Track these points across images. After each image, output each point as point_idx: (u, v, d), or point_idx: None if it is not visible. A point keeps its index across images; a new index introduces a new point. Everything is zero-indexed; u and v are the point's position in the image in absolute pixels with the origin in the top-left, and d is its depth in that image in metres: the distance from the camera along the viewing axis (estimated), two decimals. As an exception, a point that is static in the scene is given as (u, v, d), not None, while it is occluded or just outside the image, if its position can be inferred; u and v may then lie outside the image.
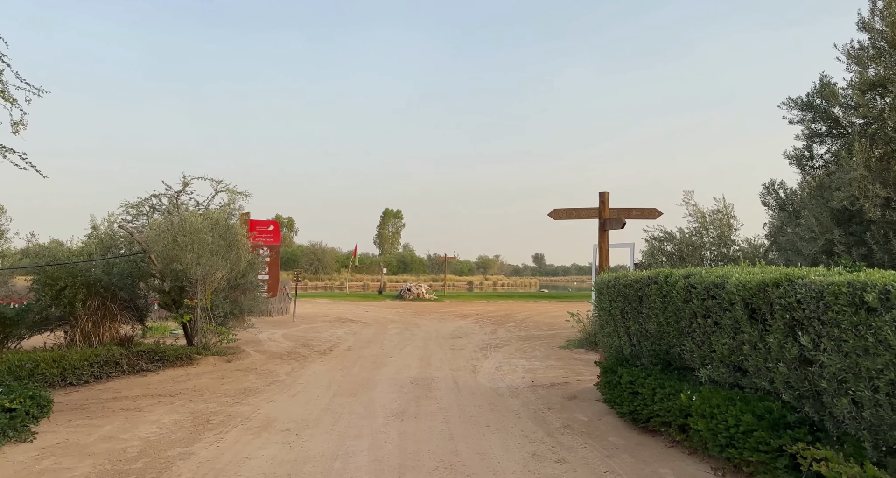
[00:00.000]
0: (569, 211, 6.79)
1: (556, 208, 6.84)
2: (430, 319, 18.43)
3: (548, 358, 9.72)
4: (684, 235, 12.09)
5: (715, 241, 12.03)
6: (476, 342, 12.14)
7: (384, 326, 15.82)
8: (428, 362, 9.28)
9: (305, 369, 8.57)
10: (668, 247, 12.42)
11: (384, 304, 26.03)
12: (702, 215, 12.52)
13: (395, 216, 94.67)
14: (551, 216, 6.86)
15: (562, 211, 6.81)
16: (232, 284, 9.42)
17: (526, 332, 14.71)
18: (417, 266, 75.37)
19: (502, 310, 23.53)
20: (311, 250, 66.98)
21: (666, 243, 12.38)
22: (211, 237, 9.12)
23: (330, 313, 20.02)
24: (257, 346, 10.81)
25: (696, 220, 12.69)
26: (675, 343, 4.65)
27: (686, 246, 11.79)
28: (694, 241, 11.84)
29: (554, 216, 6.83)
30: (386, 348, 10.98)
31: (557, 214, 6.79)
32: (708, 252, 12.07)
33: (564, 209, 6.79)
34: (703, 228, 12.45)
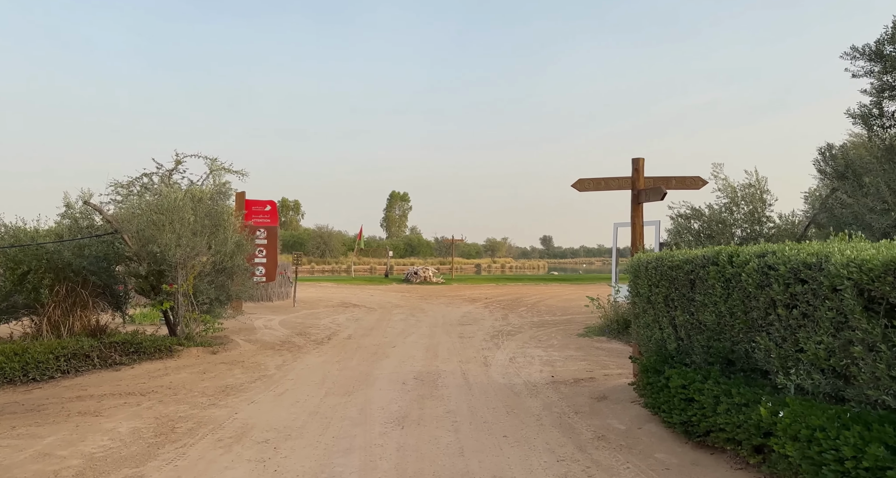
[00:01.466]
0: (596, 181, 5.80)
1: (582, 178, 5.86)
2: (437, 303, 17.59)
3: (566, 348, 8.82)
4: (714, 211, 11.06)
5: (746, 217, 10.99)
6: (486, 329, 11.27)
7: (389, 311, 14.98)
8: (434, 353, 8.41)
9: (298, 361, 7.73)
10: (694, 225, 11.41)
11: (390, 288, 25.23)
12: (732, 190, 11.45)
13: (402, 199, 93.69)
14: (576, 188, 5.89)
15: (588, 181, 5.82)
16: (218, 268, 8.56)
17: (539, 317, 13.82)
18: (425, 249, 74.59)
19: (512, 293, 22.66)
20: (318, 234, 66.36)
21: (693, 221, 11.36)
22: (193, 216, 8.22)
23: (333, 298, 19.23)
24: (250, 334, 9.98)
25: (726, 195, 11.63)
26: (741, 339, 3.71)
27: (715, 224, 10.77)
28: (724, 218, 10.81)
29: (579, 188, 5.85)
30: (389, 337, 10.13)
31: (583, 185, 5.81)
32: (739, 230, 11.05)
33: (591, 179, 5.81)
34: (733, 203, 11.40)
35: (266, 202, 14.61)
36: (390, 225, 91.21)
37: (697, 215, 11.32)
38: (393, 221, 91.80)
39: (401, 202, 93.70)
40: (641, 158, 5.65)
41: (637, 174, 5.68)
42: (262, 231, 14.44)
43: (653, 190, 5.26)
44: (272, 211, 14.59)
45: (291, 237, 68.37)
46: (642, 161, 5.66)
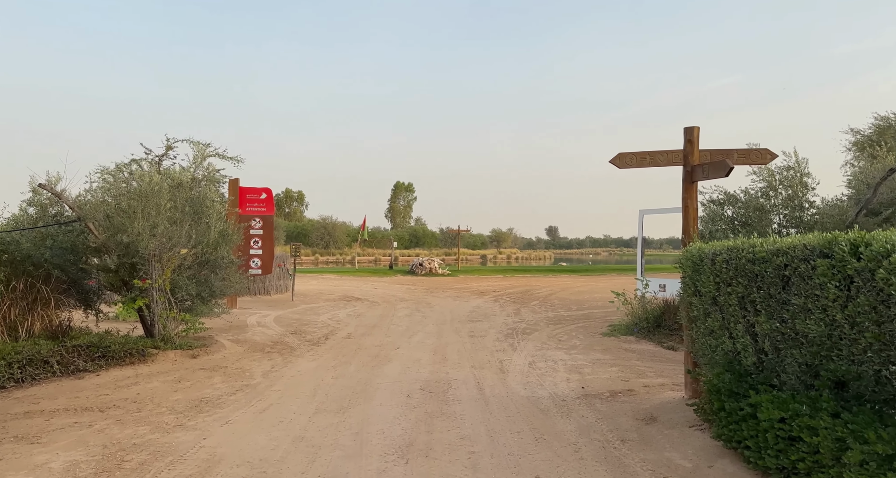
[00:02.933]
0: (640, 156, 4.80)
1: (623, 153, 4.85)
2: (443, 297, 16.65)
3: (591, 349, 7.85)
4: (750, 196, 10.02)
5: (785, 202, 9.93)
6: (499, 327, 10.31)
7: (393, 305, 14.05)
8: (443, 356, 7.47)
9: (289, 366, 6.80)
10: (728, 211, 10.37)
11: (394, 280, 24.32)
12: (769, 173, 10.41)
13: (407, 189, 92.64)
14: (615, 164, 4.88)
15: (630, 156, 4.82)
16: (201, 261, 7.62)
17: (554, 312, 12.85)
18: (430, 240, 73.65)
19: (521, 285, 21.70)
20: (322, 225, 65.53)
21: (727, 207, 10.33)
22: (171, 203, 7.28)
23: (335, 291, 18.32)
24: (239, 333, 9.07)
25: (763, 179, 10.59)
26: (867, 358, 2.73)
27: (753, 210, 9.73)
28: (761, 203, 9.77)
29: (619, 163, 4.84)
30: (392, 336, 9.19)
31: (623, 161, 4.80)
32: (777, 216, 10.01)
33: (634, 154, 4.81)
34: (770, 188, 10.36)
35: (261, 190, 13.65)
36: (395, 216, 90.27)
37: (732, 201, 10.29)
38: (398, 211, 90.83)
39: (405, 193, 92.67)
40: (696, 127, 4.64)
41: (691, 146, 4.66)
42: (257, 220, 13.51)
43: (714, 165, 4.25)
44: (268, 199, 13.63)
45: (295, 228, 67.60)
46: (697, 130, 4.65)
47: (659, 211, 9.91)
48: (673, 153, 4.76)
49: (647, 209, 10.04)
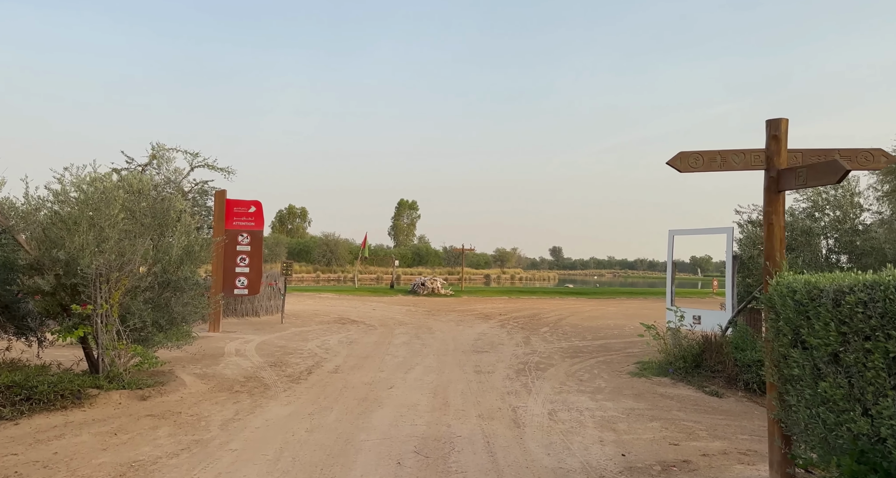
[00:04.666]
0: (708, 157, 3.65)
1: (684, 152, 3.71)
2: (446, 320, 15.42)
3: (620, 394, 6.61)
4: (795, 217, 8.84)
5: (833, 225, 8.74)
6: (508, 360, 9.08)
7: (391, 330, 12.83)
8: (444, 400, 6.24)
9: (257, 413, 5.58)
10: (768, 234, 9.19)
11: (395, 300, 23.10)
12: (815, 192, 9.25)
13: (411, 207, 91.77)
14: (674, 166, 3.73)
15: (694, 157, 3.67)
16: (161, 281, 6.47)
17: (567, 342, 11.60)
18: (433, 258, 72.40)
19: (528, 308, 20.46)
20: (324, 241, 64.36)
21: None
22: (124, 213, 6.16)
23: (331, 312, 17.14)
24: (209, 365, 7.87)
25: (807, 198, 9.41)
26: None
27: (800, 233, 8.54)
28: (808, 226, 8.58)
29: (679, 166, 3.69)
30: (386, 370, 7.97)
31: (686, 163, 3.64)
32: (826, 240, 8.80)
33: (699, 154, 3.66)
34: (816, 208, 9.18)
35: (250, 202, 12.57)
36: (398, 233, 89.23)
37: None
38: (401, 229, 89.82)
39: (409, 211, 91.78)
40: (783, 119, 3.50)
41: (777, 145, 3.52)
42: (244, 235, 12.40)
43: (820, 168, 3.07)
44: (257, 212, 12.54)
45: (298, 245, 66.56)
46: (785, 124, 3.50)
47: (690, 232, 8.75)
48: (751, 154, 3.62)
49: (677, 230, 8.88)
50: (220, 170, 14.66)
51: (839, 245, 8.36)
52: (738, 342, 6.99)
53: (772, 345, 3.32)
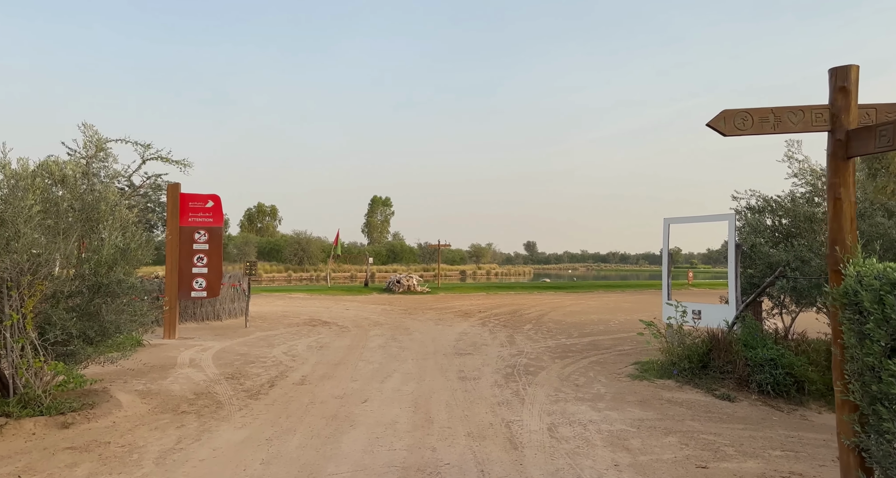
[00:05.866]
0: (758, 116, 2.91)
1: (728, 110, 2.96)
2: (424, 319, 14.59)
3: (623, 401, 5.90)
4: (797, 202, 8.27)
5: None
6: (494, 362, 8.31)
7: (365, 332, 11.94)
8: (427, 416, 5.42)
9: (203, 440, 4.67)
10: (767, 220, 8.62)
11: (369, 299, 22.16)
12: (813, 174, 8.70)
13: (384, 204, 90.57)
14: (717, 129, 2.98)
15: (740, 116, 2.92)
16: (91, 285, 5.47)
17: (554, 340, 10.91)
18: (408, 255, 71.42)
19: (507, 305, 19.79)
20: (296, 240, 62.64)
21: (766, 215, 8.58)
22: (42, 206, 5.15)
23: (301, 313, 16.13)
24: (156, 379, 6.88)
25: (806, 182, 8.88)
26: None
27: (802, 220, 7.97)
28: (811, 212, 8.02)
29: (723, 128, 2.94)
30: (360, 379, 7.11)
31: (730, 125, 2.88)
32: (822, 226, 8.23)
33: (747, 112, 2.92)
34: (815, 192, 8.64)
35: (207, 196, 11.49)
36: (372, 231, 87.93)
37: (775, 208, 8.54)
38: (375, 226, 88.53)
39: (383, 207, 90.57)
40: (853, 66, 2.78)
41: (845, 98, 2.81)
42: (201, 233, 11.34)
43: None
44: (216, 207, 11.48)
45: (268, 244, 64.81)
46: (855, 72, 2.79)
47: (687, 219, 8.12)
48: (812, 112, 2.89)
49: (672, 218, 8.23)
50: (176, 163, 13.51)
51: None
52: (747, 339, 6.36)
53: (852, 353, 2.61)
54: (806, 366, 5.99)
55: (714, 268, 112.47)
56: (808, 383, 5.90)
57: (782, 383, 5.87)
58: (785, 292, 7.09)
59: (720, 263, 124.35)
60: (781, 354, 6.03)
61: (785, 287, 6.84)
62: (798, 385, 5.90)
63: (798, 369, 5.92)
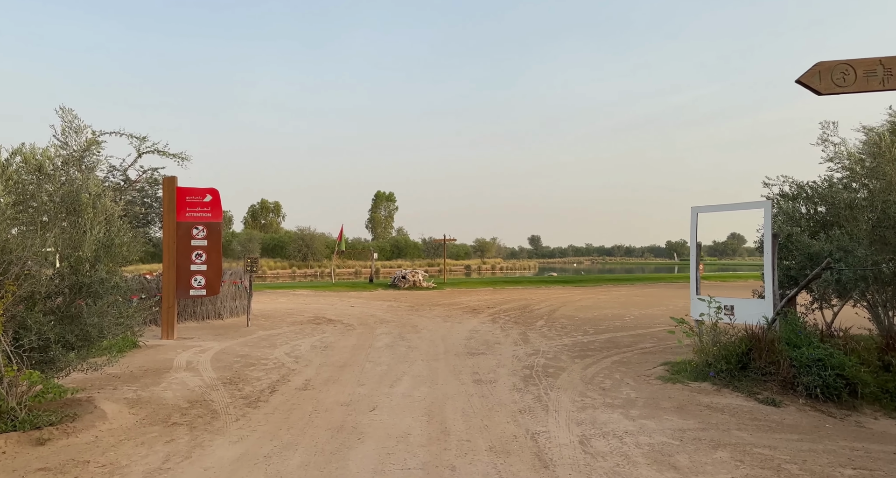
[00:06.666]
0: (865, 68, 2.35)
1: (823, 63, 2.41)
2: (431, 316, 14.08)
3: (657, 407, 5.37)
4: (834, 189, 7.69)
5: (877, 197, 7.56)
6: (509, 363, 7.79)
7: (371, 330, 11.45)
8: (442, 426, 4.91)
9: (194, 457, 4.17)
10: (802, 208, 8.05)
11: (375, 295, 21.67)
12: (851, 158, 8.09)
13: (388, 199, 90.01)
14: (810, 86, 2.44)
15: (839, 69, 2.36)
16: (71, 284, 4.97)
17: (570, 337, 10.39)
18: (412, 251, 70.92)
19: (516, 300, 19.28)
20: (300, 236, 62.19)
21: (801, 203, 8.01)
22: (14, 197, 4.65)
23: (305, 311, 15.65)
24: (148, 385, 6.38)
25: (843, 166, 8.29)
26: None
27: (844, 208, 7.39)
28: (852, 199, 7.44)
29: (819, 86, 2.39)
30: (367, 383, 6.60)
31: (826, 81, 2.33)
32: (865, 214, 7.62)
33: (849, 64, 2.37)
34: (853, 177, 8.05)
35: (205, 190, 10.99)
36: (376, 226, 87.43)
37: (811, 195, 7.95)
38: (378, 221, 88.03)
39: (386, 203, 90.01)
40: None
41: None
42: (199, 228, 10.84)
43: None
44: (214, 201, 10.97)
45: (272, 240, 64.41)
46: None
47: (718, 208, 7.54)
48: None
49: (701, 206, 7.66)
50: (173, 156, 12.93)
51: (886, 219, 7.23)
52: (790, 338, 5.81)
53: None
54: (857, 367, 5.44)
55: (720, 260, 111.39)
56: (862, 386, 5.35)
57: (832, 385, 5.32)
58: (829, 285, 6.54)
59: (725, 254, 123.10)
60: (830, 354, 5.48)
61: (829, 280, 6.28)
62: (850, 388, 5.35)
63: (849, 371, 5.37)
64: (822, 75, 2.42)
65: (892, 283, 7.06)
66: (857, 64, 2.41)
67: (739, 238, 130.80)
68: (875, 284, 6.74)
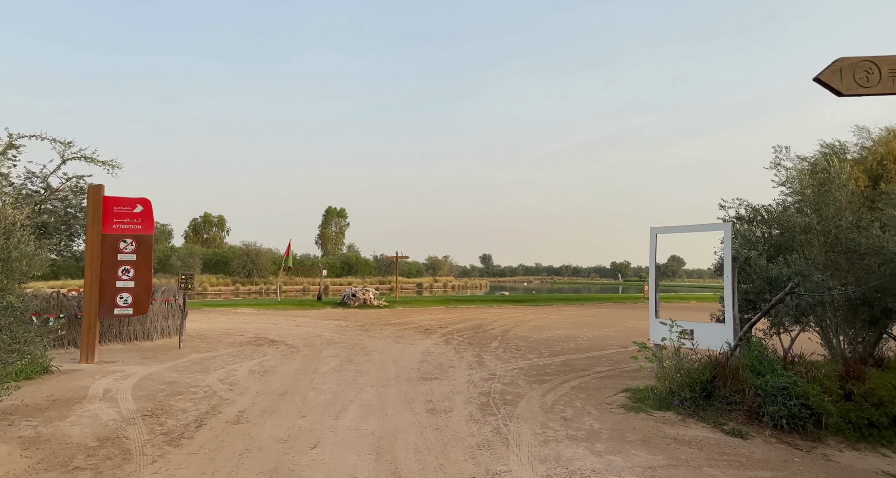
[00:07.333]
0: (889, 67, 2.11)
1: (844, 59, 2.16)
2: (382, 336, 13.47)
3: (624, 440, 5.04)
4: (788, 211, 7.74)
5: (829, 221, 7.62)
6: (465, 389, 7.33)
7: (317, 352, 10.73)
8: (392, 466, 4.38)
9: (93, 514, 3.47)
10: (757, 231, 8.07)
11: (323, 313, 20.77)
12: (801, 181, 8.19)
13: (339, 215, 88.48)
14: (830, 86, 2.18)
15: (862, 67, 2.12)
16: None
17: (525, 360, 10.05)
18: (363, 268, 69.61)
19: (469, 319, 18.92)
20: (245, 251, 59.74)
21: (756, 226, 8.03)
22: None
23: (246, 330, 14.68)
24: (52, 420, 5.52)
25: (794, 190, 8.41)
26: None
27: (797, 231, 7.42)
28: (807, 223, 7.49)
29: (840, 86, 2.13)
30: (309, 415, 5.97)
31: (848, 81, 2.08)
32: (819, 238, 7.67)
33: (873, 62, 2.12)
34: (804, 202, 8.15)
35: (136, 200, 10.08)
36: (326, 242, 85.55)
37: (767, 218, 7.99)
38: (329, 238, 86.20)
39: (338, 218, 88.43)
40: None
41: None
42: (128, 241, 9.90)
43: None
44: (145, 212, 10.07)
45: (214, 256, 61.67)
46: None
47: (678, 229, 7.43)
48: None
49: (660, 228, 7.53)
50: (103, 163, 11.99)
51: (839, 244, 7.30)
52: (754, 365, 5.65)
53: None
54: (821, 396, 5.31)
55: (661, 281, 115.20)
56: (826, 416, 5.20)
57: (798, 416, 5.16)
58: (789, 310, 6.47)
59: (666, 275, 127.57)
60: (794, 383, 5.33)
61: (790, 305, 6.20)
62: (815, 418, 5.19)
63: (814, 400, 5.23)
64: (843, 73, 2.18)
65: (843, 308, 7.10)
66: (881, 61, 2.18)
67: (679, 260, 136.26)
68: (830, 310, 6.75)
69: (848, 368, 5.66)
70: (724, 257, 6.66)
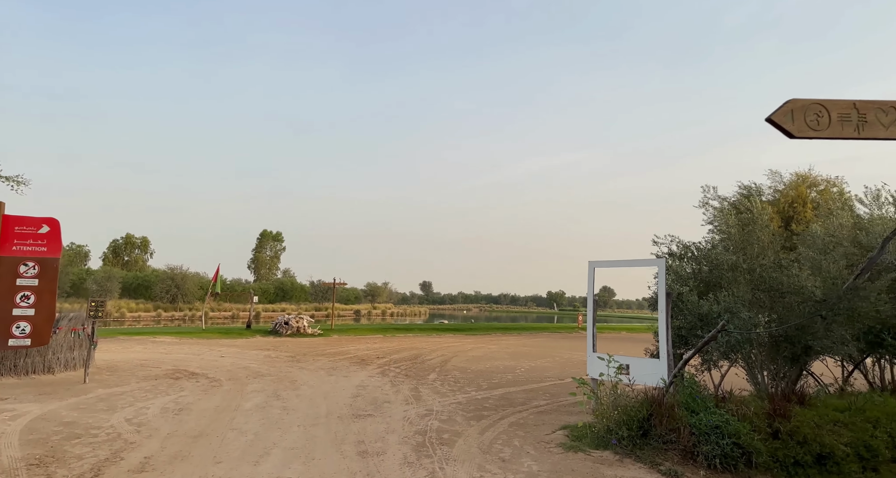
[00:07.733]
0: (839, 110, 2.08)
1: (795, 100, 2.12)
2: (315, 368, 12.81)
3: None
4: (716, 249, 8.04)
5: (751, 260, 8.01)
6: (400, 428, 6.96)
7: (241, 387, 10.00)
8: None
9: None
10: (687, 268, 8.32)
11: (251, 343, 19.67)
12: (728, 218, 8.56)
13: (275, 239, 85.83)
14: (782, 127, 2.14)
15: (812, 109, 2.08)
16: None
17: (463, 393, 9.79)
18: (298, 294, 67.43)
19: (407, 348, 18.50)
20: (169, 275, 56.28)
21: (687, 262, 8.28)
22: None
23: (164, 361, 13.56)
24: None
25: (720, 229, 8.77)
26: None
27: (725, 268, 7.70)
28: (734, 261, 7.80)
29: (792, 128, 2.09)
30: (225, 461, 5.42)
31: (800, 123, 2.05)
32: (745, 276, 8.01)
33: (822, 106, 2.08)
34: (729, 240, 8.52)
35: (41, 220, 9.13)
36: (260, 267, 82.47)
37: (697, 255, 8.25)
38: (263, 262, 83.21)
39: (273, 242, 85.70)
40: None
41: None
42: (30, 265, 8.91)
43: None
44: (52, 233, 9.13)
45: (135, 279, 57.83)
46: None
47: (614, 264, 7.54)
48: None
49: (598, 261, 7.61)
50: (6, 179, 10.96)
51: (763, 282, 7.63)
52: (688, 403, 5.67)
53: None
54: (751, 434, 5.38)
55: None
56: (756, 455, 5.26)
57: (730, 455, 5.19)
58: (720, 347, 6.62)
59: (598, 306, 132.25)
60: (726, 421, 5.38)
61: (721, 341, 6.34)
62: (746, 457, 5.24)
63: (745, 438, 5.29)
64: (794, 115, 2.18)
65: (767, 345, 7.36)
66: (830, 105, 2.20)
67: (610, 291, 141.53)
68: (756, 346, 6.97)
69: (775, 406, 5.80)
70: (659, 293, 6.78)
